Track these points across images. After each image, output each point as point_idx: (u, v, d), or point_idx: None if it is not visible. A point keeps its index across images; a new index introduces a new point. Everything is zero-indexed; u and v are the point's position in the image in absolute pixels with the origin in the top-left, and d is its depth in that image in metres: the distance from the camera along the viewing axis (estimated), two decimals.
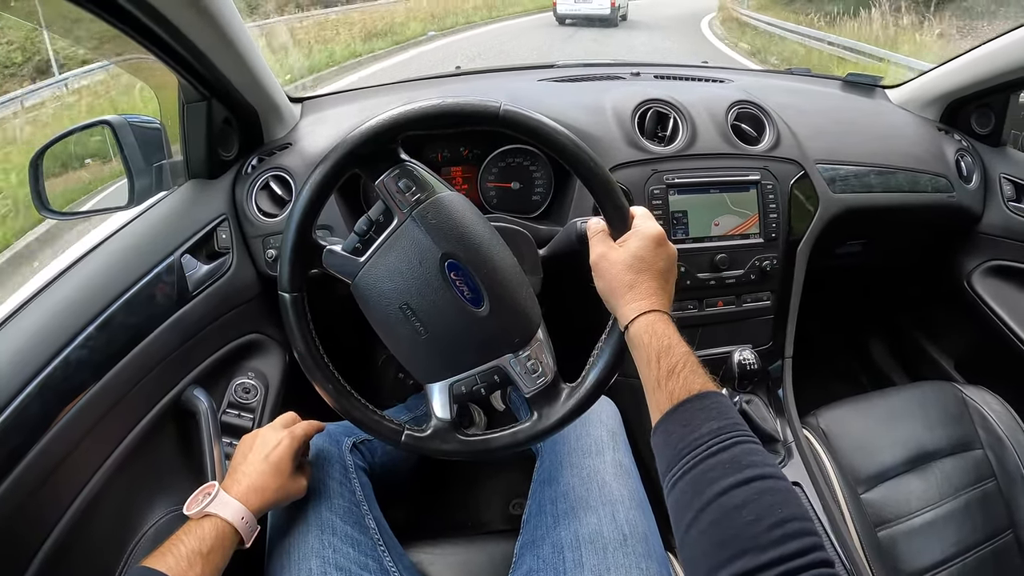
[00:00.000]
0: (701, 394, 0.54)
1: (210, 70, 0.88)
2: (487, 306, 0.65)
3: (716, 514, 0.47)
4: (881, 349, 1.57)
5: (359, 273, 0.67)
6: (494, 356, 0.68)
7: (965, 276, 1.29)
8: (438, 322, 0.66)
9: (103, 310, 0.77)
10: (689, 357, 0.57)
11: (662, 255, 0.63)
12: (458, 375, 0.68)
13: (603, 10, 13.21)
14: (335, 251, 0.68)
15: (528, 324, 0.68)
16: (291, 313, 0.67)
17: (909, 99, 1.31)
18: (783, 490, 0.48)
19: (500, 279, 0.66)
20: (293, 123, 1.10)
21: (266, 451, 0.72)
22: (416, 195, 0.65)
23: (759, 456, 0.50)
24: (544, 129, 0.63)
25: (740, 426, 0.52)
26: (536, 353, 0.68)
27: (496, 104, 0.63)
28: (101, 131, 1.04)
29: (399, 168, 0.66)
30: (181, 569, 0.59)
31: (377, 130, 0.63)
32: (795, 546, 0.44)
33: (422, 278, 0.65)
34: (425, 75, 1.29)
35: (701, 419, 0.52)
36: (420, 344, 0.67)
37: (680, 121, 1.03)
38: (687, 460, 0.51)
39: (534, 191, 1.05)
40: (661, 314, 0.61)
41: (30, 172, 0.96)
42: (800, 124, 1.11)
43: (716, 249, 1.01)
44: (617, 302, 0.63)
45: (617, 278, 0.63)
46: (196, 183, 0.99)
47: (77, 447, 0.72)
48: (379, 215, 0.68)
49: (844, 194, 1.11)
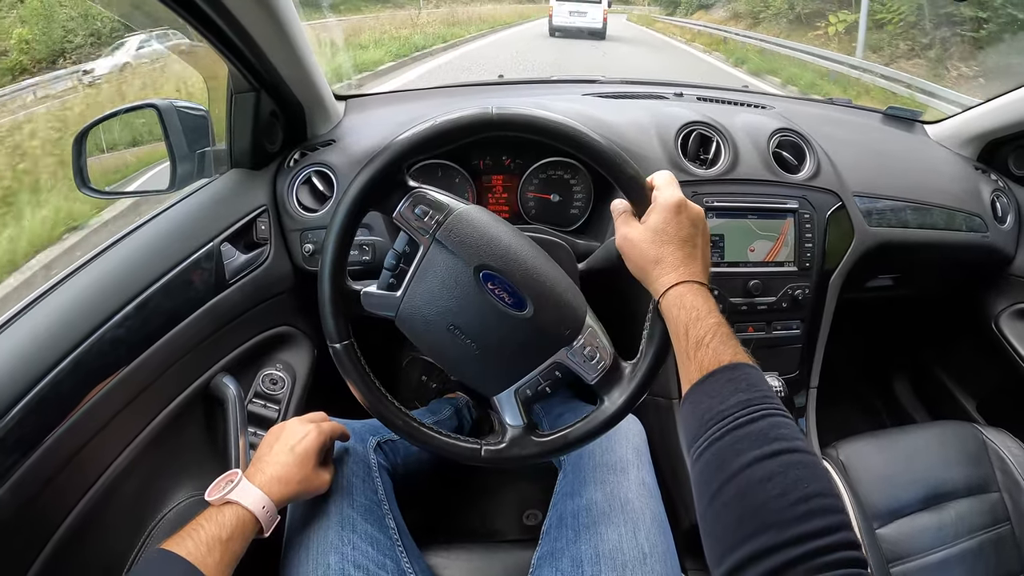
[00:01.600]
0: (731, 365, 0.53)
1: (262, 62, 0.89)
2: (530, 307, 0.65)
3: (740, 487, 0.46)
4: (903, 384, 1.56)
5: (400, 307, 0.67)
6: (550, 353, 0.68)
7: (993, 317, 1.28)
8: (487, 335, 0.66)
9: (141, 291, 0.78)
10: (719, 328, 0.56)
11: (684, 222, 0.62)
12: (520, 381, 0.68)
13: (596, 24, 13.86)
14: (372, 292, 0.68)
15: (575, 314, 0.68)
16: (347, 362, 0.68)
17: (948, 136, 1.31)
18: (811, 464, 0.46)
19: (536, 277, 0.66)
20: (337, 120, 1.11)
21: (292, 442, 0.72)
22: (434, 218, 0.66)
23: (788, 430, 0.48)
24: (539, 121, 0.64)
25: (770, 399, 0.50)
26: (589, 340, 0.67)
27: (488, 110, 0.64)
28: (145, 114, 1.05)
29: (411, 196, 0.66)
30: (200, 554, 0.59)
31: (382, 167, 0.64)
32: (820, 524, 0.42)
33: (461, 296, 0.66)
34: (468, 82, 1.30)
35: (729, 391, 0.51)
36: (475, 360, 0.67)
37: (723, 145, 1.03)
38: (713, 431, 0.49)
39: (573, 204, 1.05)
40: (690, 284, 0.59)
41: (73, 149, 0.98)
42: (840, 155, 1.11)
43: (750, 275, 1.01)
44: (646, 279, 0.63)
45: (642, 256, 0.63)
46: (239, 173, 1.00)
47: (106, 426, 0.73)
48: (404, 246, 0.69)
49: (879, 228, 1.11)
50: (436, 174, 1.04)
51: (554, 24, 13.94)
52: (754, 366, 0.54)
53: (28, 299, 0.72)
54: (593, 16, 13.79)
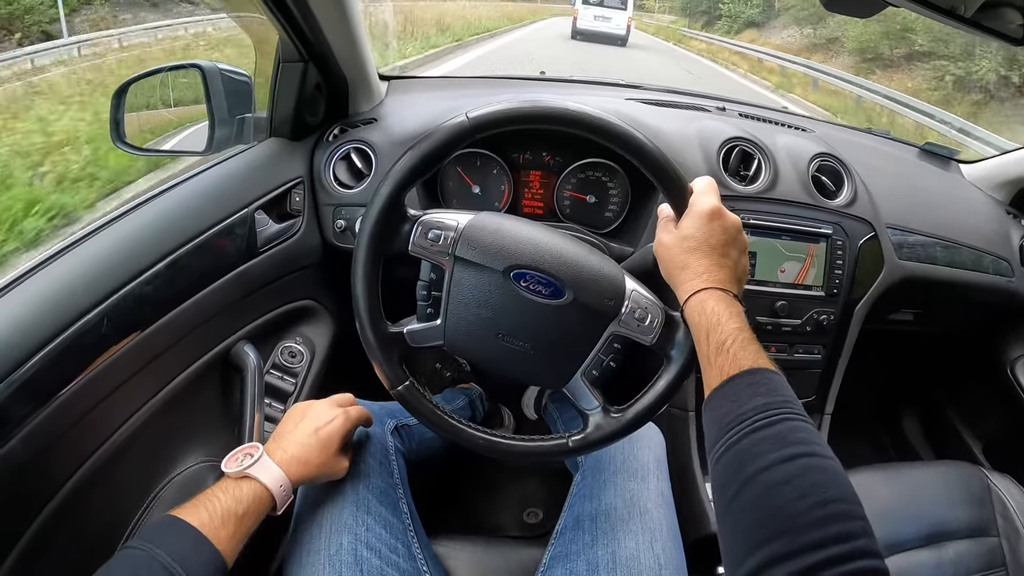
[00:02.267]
0: (751, 370, 0.52)
1: (315, 33, 0.88)
2: (568, 292, 0.65)
3: (757, 490, 0.45)
4: (912, 420, 1.56)
5: (445, 333, 0.68)
6: (601, 330, 0.67)
7: (1009, 363, 1.28)
8: (536, 332, 0.66)
9: (174, 249, 0.77)
10: (740, 333, 0.55)
11: (717, 229, 0.62)
12: (583, 364, 0.68)
13: (620, 30, 13.95)
14: (414, 328, 0.69)
15: (613, 283, 0.67)
16: (413, 402, 0.68)
17: (982, 177, 1.31)
18: (830, 470, 0.45)
19: (565, 260, 0.66)
20: (379, 100, 1.10)
21: (317, 425, 0.71)
22: (448, 236, 0.66)
23: (807, 434, 0.48)
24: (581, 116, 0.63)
25: (790, 403, 0.50)
26: (636, 303, 0.67)
27: (463, 118, 0.63)
28: (188, 75, 1.04)
29: (418, 224, 0.66)
30: (214, 527, 0.58)
31: (383, 208, 0.64)
32: (838, 529, 0.41)
33: (499, 303, 0.66)
34: (510, 75, 1.29)
35: (748, 395, 0.51)
36: (532, 360, 0.67)
37: (764, 163, 1.03)
38: (732, 434, 0.49)
39: (608, 207, 1.05)
40: (713, 291, 0.59)
41: (113, 102, 0.97)
42: (876, 185, 1.11)
43: (778, 295, 1.01)
44: (674, 285, 0.63)
45: (671, 262, 0.63)
46: (277, 142, 0.99)
47: (124, 383, 0.72)
48: (429, 274, 0.70)
49: (908, 262, 1.11)
50: (474, 163, 1.04)
51: (578, 27, 13.98)
52: (776, 371, 0.53)
53: (62, 245, 0.71)
54: (617, 22, 13.87)
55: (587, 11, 13.94)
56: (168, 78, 1.04)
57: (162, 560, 0.54)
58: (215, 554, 0.57)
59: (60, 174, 2.82)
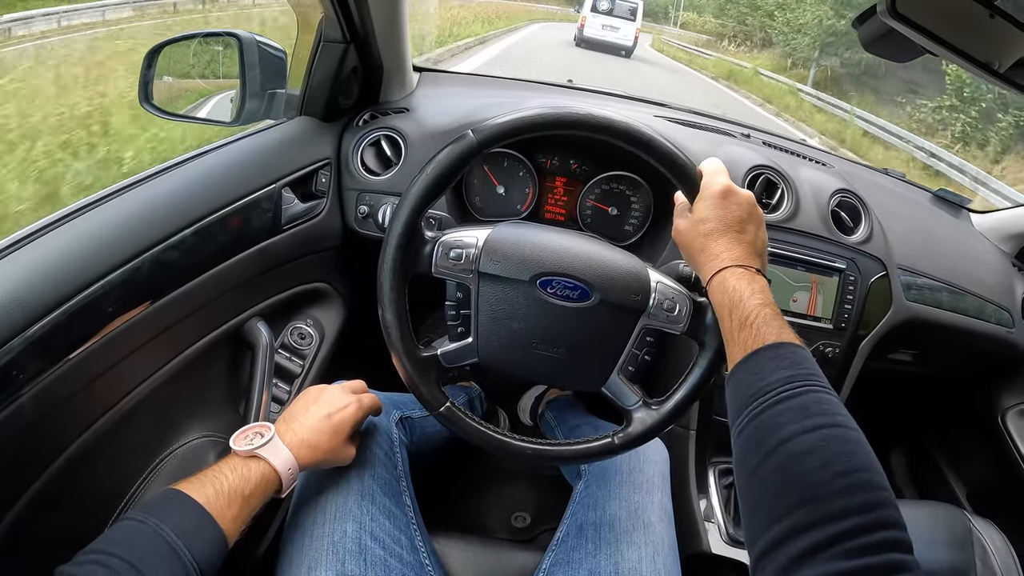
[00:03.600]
0: (774, 344, 0.52)
1: (362, 16, 0.88)
2: (595, 293, 0.66)
3: (779, 460, 0.45)
4: (899, 459, 1.58)
5: (479, 350, 0.68)
6: (632, 325, 0.67)
7: (1001, 412, 1.30)
8: (567, 337, 0.66)
9: (201, 218, 0.76)
10: (763, 308, 0.55)
11: (731, 206, 0.62)
12: (617, 362, 0.68)
13: (627, 41, 13.83)
14: (448, 350, 0.69)
15: (638, 278, 0.67)
16: (456, 421, 0.69)
17: (991, 228, 1.33)
18: (854, 440, 0.45)
19: (588, 261, 0.66)
20: (410, 90, 1.10)
21: (330, 410, 0.69)
22: (469, 253, 0.66)
23: (831, 405, 0.47)
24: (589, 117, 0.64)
25: (814, 376, 0.50)
26: (662, 295, 0.67)
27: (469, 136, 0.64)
28: (222, 43, 1.03)
29: (438, 244, 0.66)
30: (220, 505, 0.57)
31: (401, 234, 0.64)
32: (861, 499, 0.41)
33: (528, 313, 0.66)
34: (540, 80, 1.29)
35: (772, 368, 0.50)
36: (568, 365, 0.68)
37: (787, 193, 1.04)
38: (755, 406, 0.49)
39: (629, 220, 1.05)
40: (733, 268, 0.59)
41: (144, 62, 0.96)
42: (891, 226, 1.13)
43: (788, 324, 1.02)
44: (696, 268, 0.64)
45: (690, 246, 0.64)
46: (309, 121, 0.98)
47: (139, 349, 0.71)
48: (456, 293, 0.70)
49: (915, 304, 1.12)
50: (501, 163, 1.04)
51: (584, 35, 13.87)
52: (800, 345, 0.53)
53: (88, 200, 0.70)
54: (625, 33, 13.77)
55: (595, 19, 13.83)
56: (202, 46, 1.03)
57: (165, 535, 0.53)
58: (219, 532, 0.56)
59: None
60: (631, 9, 13.94)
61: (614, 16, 13.86)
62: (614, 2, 13.85)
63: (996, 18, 0.63)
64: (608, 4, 13.83)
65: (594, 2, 13.87)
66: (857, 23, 0.71)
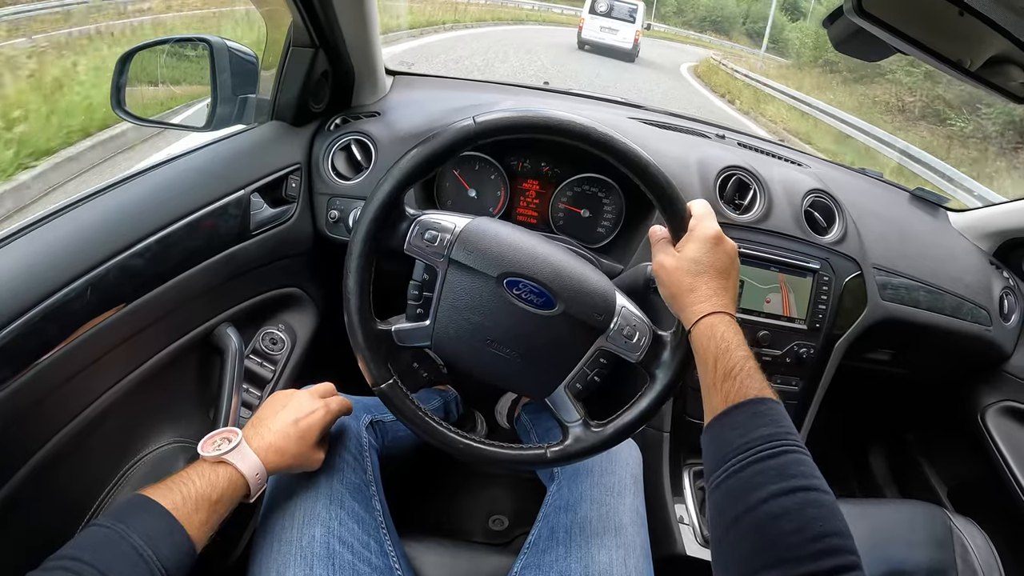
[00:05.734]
0: (756, 399, 0.54)
1: (329, 20, 0.88)
2: (559, 303, 0.65)
3: (757, 520, 0.47)
4: (880, 460, 1.58)
5: (433, 334, 0.67)
6: (589, 344, 0.67)
7: (980, 410, 1.30)
8: (523, 341, 0.66)
9: (167, 225, 0.76)
10: (747, 361, 0.57)
11: (721, 254, 0.63)
12: (567, 376, 0.68)
13: (626, 44, 13.56)
14: (402, 327, 0.68)
15: (604, 299, 0.68)
16: (395, 401, 0.68)
17: (968, 227, 1.33)
18: (827, 504, 0.48)
19: (558, 271, 0.66)
20: (383, 94, 1.10)
21: (298, 415, 0.70)
22: (444, 238, 0.66)
23: (807, 467, 0.50)
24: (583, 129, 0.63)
25: (792, 435, 0.52)
26: (625, 320, 0.67)
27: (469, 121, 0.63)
28: (193, 49, 1.03)
29: (416, 223, 0.66)
30: (186, 511, 0.57)
31: (382, 205, 0.64)
32: (831, 563, 0.43)
33: (489, 309, 0.66)
34: (514, 82, 1.30)
35: (753, 424, 0.52)
36: (518, 368, 0.67)
37: (760, 194, 1.04)
38: (734, 462, 0.50)
39: (601, 223, 1.05)
40: (722, 315, 0.60)
41: (116, 68, 0.96)
42: (866, 226, 1.13)
43: (762, 325, 1.02)
44: (679, 308, 0.64)
45: (677, 284, 0.63)
46: (279, 126, 0.98)
47: (105, 355, 0.71)
48: (423, 274, 0.69)
49: (891, 303, 1.12)
50: (472, 167, 1.04)
51: (583, 38, 13.74)
52: (778, 401, 0.55)
53: (49, 210, 0.70)
54: (624, 35, 13.56)
55: (593, 21, 13.69)
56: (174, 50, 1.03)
57: (132, 541, 0.53)
58: (186, 538, 0.56)
59: None
60: (630, 11, 13.80)
61: (612, 18, 13.72)
62: (612, 4, 13.74)
63: (966, 16, 0.63)
64: (606, 6, 13.72)
65: (592, 4, 13.78)
66: (827, 22, 0.71)
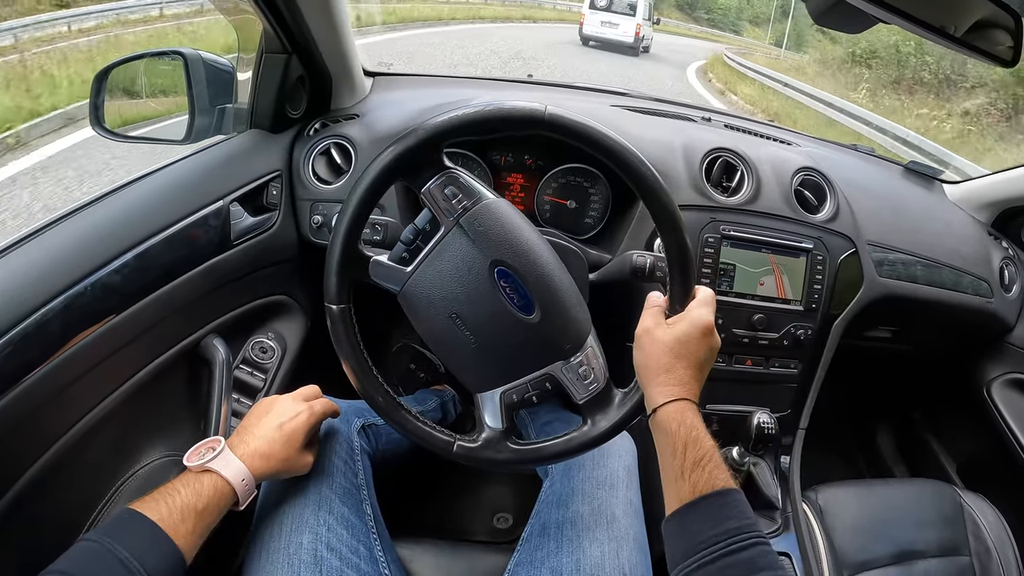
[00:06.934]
0: (724, 491, 0.55)
1: (299, 25, 0.88)
2: (537, 313, 0.65)
3: None
4: (887, 438, 1.56)
5: (406, 282, 0.67)
6: (545, 364, 0.67)
7: (985, 384, 1.28)
8: (488, 331, 0.65)
9: (144, 240, 0.76)
10: (715, 451, 0.58)
11: (705, 346, 0.63)
12: (509, 384, 0.68)
13: (627, 38, 13.41)
14: (382, 262, 0.67)
15: (579, 330, 0.67)
16: (340, 326, 0.66)
17: (964, 198, 1.31)
18: None
19: (550, 285, 0.66)
20: (362, 96, 1.09)
21: (282, 420, 0.70)
22: (463, 202, 0.65)
23: (771, 558, 0.52)
24: (594, 134, 0.63)
25: (755, 526, 0.54)
26: (588, 359, 0.67)
27: (541, 108, 0.63)
28: (170, 62, 1.03)
29: (445, 175, 0.65)
30: (173, 521, 0.58)
31: (423, 138, 0.63)
32: None
33: (471, 286, 0.65)
34: (497, 77, 1.29)
35: (723, 516, 0.54)
36: (470, 354, 0.67)
37: (747, 175, 1.02)
38: (705, 554, 0.52)
39: (588, 213, 1.04)
40: (690, 403, 0.60)
41: (93, 86, 0.96)
42: (859, 202, 1.11)
43: (756, 308, 1.00)
44: (649, 382, 0.63)
45: (655, 357, 0.62)
46: (257, 134, 0.98)
47: (89, 372, 0.71)
48: (425, 223, 0.68)
49: (888, 279, 1.11)
50: (455, 162, 1.03)
51: (585, 33, 13.66)
52: (739, 491, 0.57)
53: (25, 232, 0.70)
54: (624, 29, 13.43)
55: (594, 16, 13.62)
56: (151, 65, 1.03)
57: (119, 555, 0.53)
58: (173, 549, 0.57)
59: None
60: (630, 4, 13.68)
61: (612, 12, 13.61)
62: None
63: None
64: (606, 0, 13.67)
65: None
66: None
